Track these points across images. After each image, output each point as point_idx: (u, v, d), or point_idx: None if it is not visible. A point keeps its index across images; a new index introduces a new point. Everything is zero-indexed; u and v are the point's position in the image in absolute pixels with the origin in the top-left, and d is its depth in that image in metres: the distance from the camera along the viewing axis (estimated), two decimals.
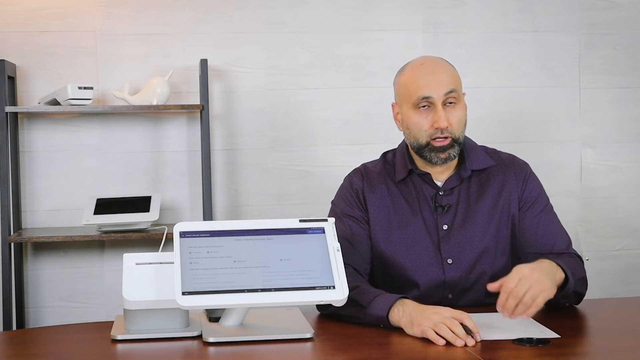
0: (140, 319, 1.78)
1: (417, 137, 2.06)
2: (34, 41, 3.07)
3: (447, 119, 2.01)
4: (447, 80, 2.03)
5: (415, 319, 1.77)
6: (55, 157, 3.09)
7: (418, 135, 2.05)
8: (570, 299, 1.97)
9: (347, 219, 2.10)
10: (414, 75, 2.06)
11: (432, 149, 2.04)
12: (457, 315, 1.74)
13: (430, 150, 2.04)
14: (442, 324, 1.72)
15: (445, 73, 2.06)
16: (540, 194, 2.12)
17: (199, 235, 1.80)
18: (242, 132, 3.18)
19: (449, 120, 2.02)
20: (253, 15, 3.17)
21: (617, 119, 3.38)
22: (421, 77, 2.05)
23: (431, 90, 2.02)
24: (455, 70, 2.10)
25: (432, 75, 2.04)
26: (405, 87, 2.07)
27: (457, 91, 2.04)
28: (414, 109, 2.05)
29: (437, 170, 2.10)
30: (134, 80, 3.07)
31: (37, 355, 1.77)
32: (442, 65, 2.09)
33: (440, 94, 2.02)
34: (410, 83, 2.06)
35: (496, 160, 2.14)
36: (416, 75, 2.06)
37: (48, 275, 3.10)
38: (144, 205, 2.91)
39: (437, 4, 3.26)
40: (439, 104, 2.02)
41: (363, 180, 2.14)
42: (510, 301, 1.76)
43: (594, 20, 3.34)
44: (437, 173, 2.10)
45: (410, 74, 2.07)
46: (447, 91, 2.02)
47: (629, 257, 3.39)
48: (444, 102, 2.02)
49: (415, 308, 1.80)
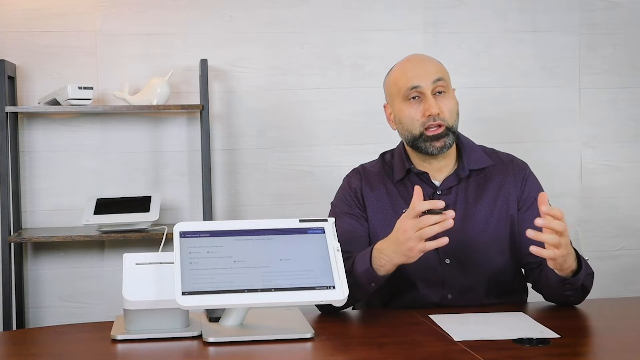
0: (140, 319, 1.78)
1: (410, 129, 2.07)
2: (34, 41, 3.07)
3: (438, 106, 2.05)
4: (434, 70, 2.08)
5: (397, 253, 1.84)
6: (55, 157, 3.09)
7: (411, 127, 2.07)
8: (577, 291, 1.95)
9: (347, 217, 2.10)
10: (401, 70, 2.12)
11: (426, 138, 2.05)
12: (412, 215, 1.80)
13: (424, 140, 2.06)
14: (420, 234, 1.78)
15: (431, 64, 2.11)
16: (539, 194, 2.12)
17: (199, 235, 1.80)
18: (242, 132, 3.18)
19: (439, 107, 2.05)
20: (253, 15, 3.17)
21: (617, 119, 3.38)
22: (408, 69, 2.10)
23: (419, 79, 2.06)
24: (443, 65, 2.14)
25: (419, 67, 2.09)
26: (394, 83, 2.12)
27: (445, 80, 2.08)
28: (405, 102, 2.08)
29: (434, 169, 2.10)
30: (134, 80, 3.07)
31: (37, 355, 1.77)
32: (428, 58, 2.14)
33: (429, 82, 2.05)
34: (399, 77, 2.10)
35: (495, 160, 2.14)
36: (403, 69, 2.11)
37: (48, 275, 3.10)
38: (144, 205, 2.91)
39: (437, 4, 3.26)
40: (428, 92, 2.05)
41: (361, 180, 2.15)
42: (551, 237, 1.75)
43: (594, 20, 3.34)
44: (434, 172, 2.11)
45: (398, 70, 2.13)
46: (434, 79, 2.06)
47: (629, 257, 3.39)
48: (433, 91, 2.06)
49: (388, 246, 1.87)
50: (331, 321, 1.92)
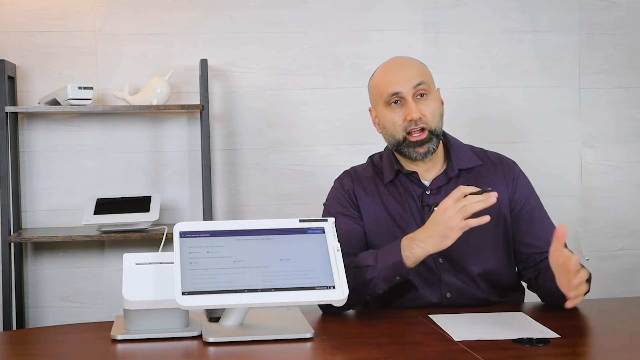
0: (140, 319, 1.78)
1: (393, 134, 2.08)
2: (34, 41, 3.07)
3: (419, 110, 2.04)
4: (415, 74, 2.07)
5: (434, 236, 1.85)
6: (55, 157, 3.09)
7: (394, 132, 2.08)
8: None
9: (343, 218, 2.10)
10: (382, 75, 2.11)
11: (409, 144, 2.06)
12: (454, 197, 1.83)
13: (407, 145, 2.06)
14: (464, 210, 1.81)
15: (412, 68, 2.10)
16: (531, 192, 2.14)
17: (199, 235, 1.80)
18: (242, 132, 3.18)
19: (421, 111, 2.05)
20: (253, 15, 3.17)
21: (617, 119, 3.38)
22: (388, 74, 2.09)
23: (399, 85, 2.05)
24: (425, 66, 2.13)
25: (399, 71, 2.08)
26: (375, 87, 2.12)
27: (426, 83, 2.07)
28: (386, 107, 2.08)
29: (423, 169, 2.11)
30: (134, 80, 3.07)
31: (37, 355, 1.77)
32: (409, 62, 2.13)
33: (409, 87, 2.05)
34: (380, 82, 2.10)
35: (483, 160, 2.15)
36: (384, 74, 2.11)
37: (48, 275, 3.10)
38: (144, 205, 2.91)
39: (437, 4, 3.26)
40: (409, 97, 2.05)
41: (353, 182, 2.16)
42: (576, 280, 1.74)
43: (594, 20, 3.34)
44: (423, 172, 2.11)
45: (379, 75, 2.13)
46: (415, 84, 2.05)
47: (629, 257, 3.39)
48: (414, 95, 2.05)
49: (423, 231, 1.88)
50: (331, 321, 1.92)
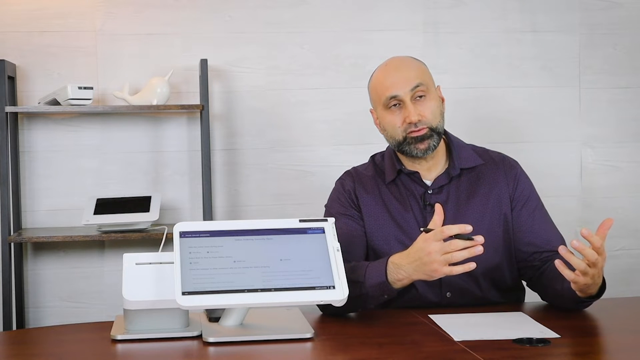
0: (140, 319, 1.78)
1: (394, 136, 2.09)
2: (34, 41, 3.07)
3: (417, 112, 2.04)
4: (412, 76, 2.06)
5: (419, 272, 1.82)
6: (55, 157, 3.09)
7: (394, 134, 2.08)
8: (582, 305, 1.95)
9: (344, 218, 2.11)
10: (380, 78, 2.11)
11: (410, 141, 2.06)
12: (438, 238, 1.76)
13: (408, 143, 2.06)
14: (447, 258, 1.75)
15: (409, 69, 2.09)
16: (531, 192, 2.14)
17: (199, 235, 1.80)
18: (242, 132, 3.18)
19: (420, 113, 2.05)
20: (253, 15, 3.17)
21: (617, 119, 3.38)
22: (386, 77, 2.09)
23: (397, 88, 2.05)
24: (424, 65, 2.13)
25: (396, 74, 2.08)
26: (374, 90, 2.12)
27: (425, 84, 2.07)
28: (386, 110, 2.09)
29: (424, 168, 2.11)
30: (134, 80, 3.07)
31: (37, 355, 1.77)
32: (407, 63, 2.12)
33: (407, 90, 2.05)
34: (378, 85, 2.10)
35: (485, 159, 2.15)
36: (382, 77, 2.10)
37: (48, 275, 3.10)
38: (144, 205, 2.91)
39: (437, 4, 3.26)
40: (407, 99, 2.05)
41: (354, 182, 2.16)
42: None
43: (594, 20, 3.34)
44: (425, 171, 2.11)
45: (377, 77, 2.13)
46: (413, 86, 2.05)
47: (629, 257, 3.38)
48: (412, 97, 2.05)
49: (409, 263, 1.84)
50: (331, 321, 1.92)
